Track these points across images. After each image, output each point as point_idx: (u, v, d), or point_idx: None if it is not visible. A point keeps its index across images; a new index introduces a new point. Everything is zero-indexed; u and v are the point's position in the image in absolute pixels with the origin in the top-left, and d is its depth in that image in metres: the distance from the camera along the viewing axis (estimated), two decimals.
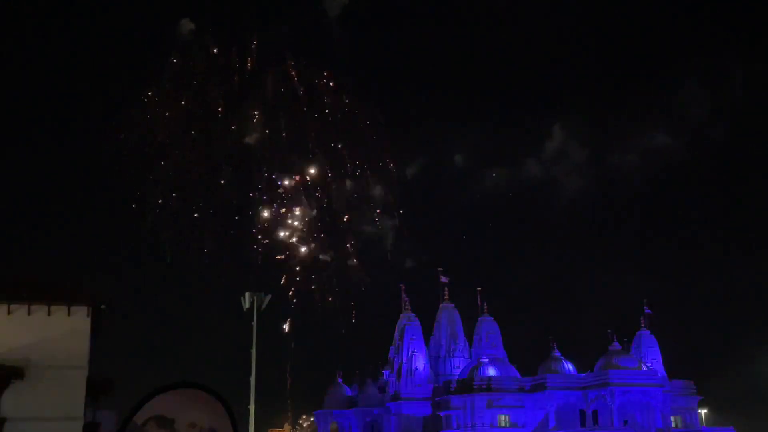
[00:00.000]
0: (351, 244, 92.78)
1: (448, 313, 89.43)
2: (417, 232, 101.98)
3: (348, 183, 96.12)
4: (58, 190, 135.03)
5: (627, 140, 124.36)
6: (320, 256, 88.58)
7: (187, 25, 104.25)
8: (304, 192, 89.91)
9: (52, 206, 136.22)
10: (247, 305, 37.16)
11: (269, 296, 37.32)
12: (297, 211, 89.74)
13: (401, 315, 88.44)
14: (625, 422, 75.64)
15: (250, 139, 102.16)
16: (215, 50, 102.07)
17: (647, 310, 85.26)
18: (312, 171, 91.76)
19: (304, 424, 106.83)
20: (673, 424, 79.78)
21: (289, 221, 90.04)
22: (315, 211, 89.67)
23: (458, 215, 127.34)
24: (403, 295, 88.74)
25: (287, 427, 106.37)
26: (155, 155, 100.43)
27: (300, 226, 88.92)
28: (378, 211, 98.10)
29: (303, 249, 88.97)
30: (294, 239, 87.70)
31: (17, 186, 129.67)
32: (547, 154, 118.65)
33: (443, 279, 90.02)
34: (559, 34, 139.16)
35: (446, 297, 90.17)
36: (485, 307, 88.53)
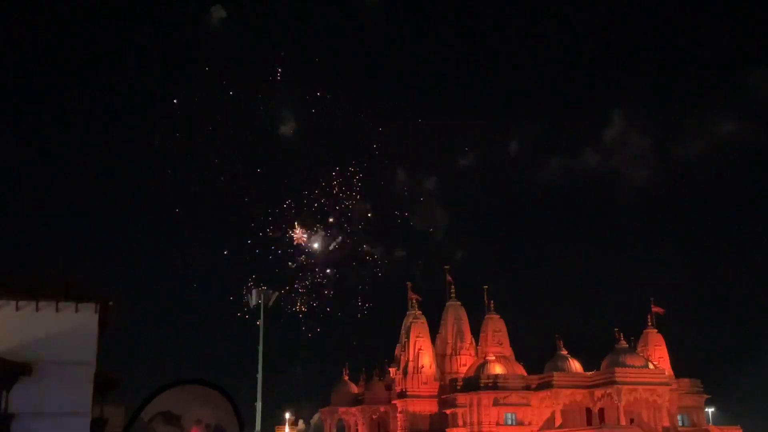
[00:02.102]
0: (399, 238, 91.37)
1: (454, 311, 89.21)
2: (464, 225, 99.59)
3: (399, 174, 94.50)
4: (65, 187, 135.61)
5: (692, 127, 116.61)
6: (363, 247, 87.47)
7: (218, 12, 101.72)
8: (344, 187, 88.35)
9: (61, 203, 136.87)
10: (254, 303, 37.21)
11: (276, 293, 37.40)
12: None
13: (407, 313, 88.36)
14: (632, 421, 75.40)
15: (286, 129, 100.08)
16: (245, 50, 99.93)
17: (654, 308, 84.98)
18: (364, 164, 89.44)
19: (298, 424, 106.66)
20: (680, 423, 79.54)
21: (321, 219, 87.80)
22: (366, 205, 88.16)
23: (478, 212, 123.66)
24: (410, 293, 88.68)
25: (299, 424, 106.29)
26: (176, 151, 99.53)
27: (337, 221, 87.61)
28: (427, 204, 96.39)
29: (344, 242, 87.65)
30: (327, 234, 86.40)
31: (25, 184, 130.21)
32: (607, 142, 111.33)
33: (449, 277, 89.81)
34: (618, 14, 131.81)
35: (453, 295, 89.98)
36: (492, 305, 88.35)
